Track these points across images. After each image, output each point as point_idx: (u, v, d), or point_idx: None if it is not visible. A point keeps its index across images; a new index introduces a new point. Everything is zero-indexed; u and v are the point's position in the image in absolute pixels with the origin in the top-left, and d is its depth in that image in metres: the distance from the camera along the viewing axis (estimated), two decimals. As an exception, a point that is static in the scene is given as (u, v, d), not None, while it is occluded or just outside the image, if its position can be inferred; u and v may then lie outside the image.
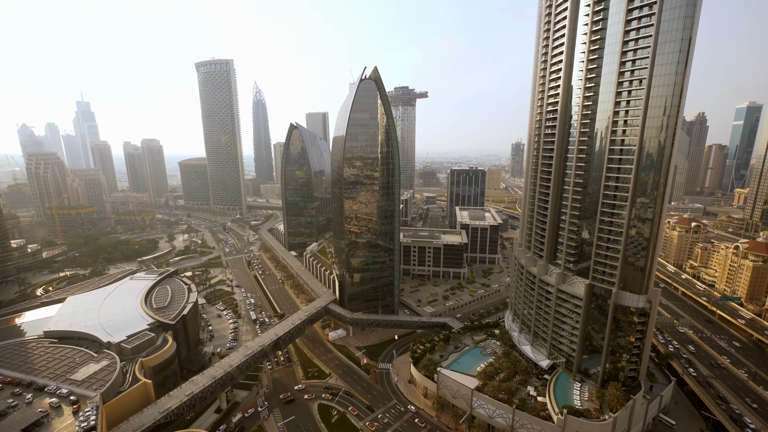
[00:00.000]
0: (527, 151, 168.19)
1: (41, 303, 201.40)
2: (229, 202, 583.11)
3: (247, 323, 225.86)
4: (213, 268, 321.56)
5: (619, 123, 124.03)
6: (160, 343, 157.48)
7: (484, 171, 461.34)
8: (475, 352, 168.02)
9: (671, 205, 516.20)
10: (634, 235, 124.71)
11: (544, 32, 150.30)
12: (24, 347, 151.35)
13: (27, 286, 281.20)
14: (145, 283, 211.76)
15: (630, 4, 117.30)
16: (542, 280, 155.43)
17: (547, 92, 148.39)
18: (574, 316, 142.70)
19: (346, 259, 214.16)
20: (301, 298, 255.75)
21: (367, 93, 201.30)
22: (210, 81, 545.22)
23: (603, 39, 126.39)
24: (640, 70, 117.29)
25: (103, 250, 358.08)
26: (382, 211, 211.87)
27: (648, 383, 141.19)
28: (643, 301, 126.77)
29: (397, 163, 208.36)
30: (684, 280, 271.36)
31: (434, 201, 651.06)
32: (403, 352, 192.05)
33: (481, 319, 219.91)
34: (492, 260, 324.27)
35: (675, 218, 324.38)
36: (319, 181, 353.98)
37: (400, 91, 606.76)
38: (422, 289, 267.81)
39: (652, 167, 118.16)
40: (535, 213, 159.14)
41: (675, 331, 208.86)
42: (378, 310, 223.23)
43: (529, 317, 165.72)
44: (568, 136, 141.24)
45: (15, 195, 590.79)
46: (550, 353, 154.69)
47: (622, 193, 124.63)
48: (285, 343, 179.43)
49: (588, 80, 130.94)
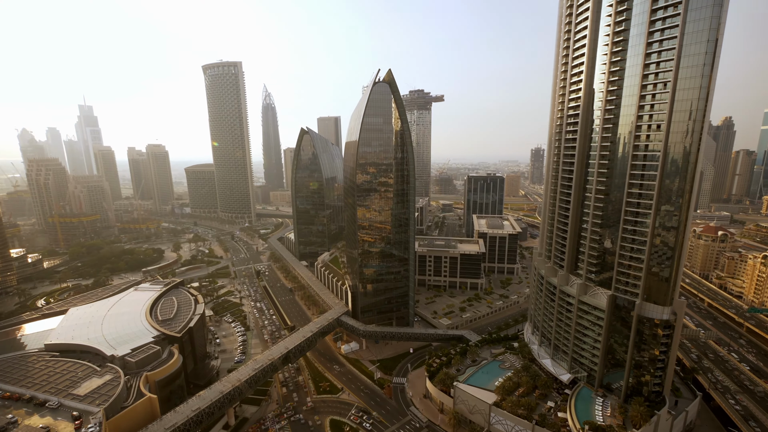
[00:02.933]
0: (547, 157, 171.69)
1: (42, 315, 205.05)
2: (237, 210, 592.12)
3: (256, 336, 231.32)
4: (221, 279, 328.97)
5: (642, 127, 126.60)
6: (166, 357, 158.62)
7: (502, 177, 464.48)
8: (493, 365, 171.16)
9: (697, 212, 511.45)
10: (658, 244, 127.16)
11: (565, 33, 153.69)
12: (24, 361, 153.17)
13: (27, 297, 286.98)
14: (150, 295, 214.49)
15: (654, 3, 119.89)
16: (563, 291, 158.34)
17: (568, 95, 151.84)
18: (596, 328, 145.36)
19: (359, 269, 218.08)
20: (312, 310, 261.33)
21: (380, 96, 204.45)
22: (217, 84, 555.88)
23: (626, 40, 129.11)
24: (665, 73, 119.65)
25: (107, 260, 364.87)
26: (396, 219, 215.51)
27: (673, 398, 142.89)
28: (668, 312, 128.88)
29: (412, 170, 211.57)
30: (710, 291, 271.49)
31: (451, 209, 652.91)
32: (418, 365, 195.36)
33: (500, 332, 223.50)
34: (511, 270, 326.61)
35: (701, 226, 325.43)
36: (331, 188, 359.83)
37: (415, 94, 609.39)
38: (438, 300, 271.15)
39: (677, 173, 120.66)
40: (556, 221, 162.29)
41: (701, 344, 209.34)
42: (392, 323, 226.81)
43: (550, 330, 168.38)
44: (589, 141, 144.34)
45: (15, 202, 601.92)
46: (571, 367, 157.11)
47: (646, 200, 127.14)
48: (295, 356, 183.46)
49: (610, 83, 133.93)
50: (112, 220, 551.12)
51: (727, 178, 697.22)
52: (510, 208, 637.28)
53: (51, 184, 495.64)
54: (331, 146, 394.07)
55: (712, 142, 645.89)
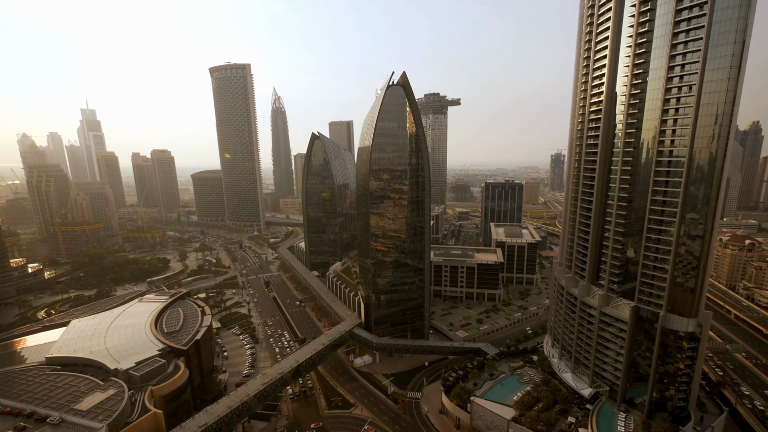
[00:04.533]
0: (568, 163, 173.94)
1: (43, 327, 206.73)
2: (245, 218, 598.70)
3: (265, 349, 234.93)
4: (229, 290, 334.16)
5: (666, 132, 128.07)
6: (172, 371, 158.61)
7: (521, 184, 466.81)
8: (512, 380, 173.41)
9: (723, 221, 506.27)
10: (683, 253, 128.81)
11: (586, 34, 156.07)
12: (24, 375, 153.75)
13: (28, 308, 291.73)
14: (155, 306, 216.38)
15: (679, 3, 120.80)
16: (584, 302, 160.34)
17: (589, 99, 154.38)
18: (619, 341, 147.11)
19: (373, 280, 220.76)
20: (323, 322, 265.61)
21: (394, 100, 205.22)
22: (225, 87, 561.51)
23: (649, 42, 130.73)
24: (690, 76, 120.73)
25: (110, 270, 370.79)
26: (411, 228, 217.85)
27: (698, 413, 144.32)
28: (693, 324, 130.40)
29: (428, 176, 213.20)
30: (737, 302, 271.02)
31: (467, 217, 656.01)
32: (433, 379, 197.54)
33: (518, 345, 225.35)
34: (530, 281, 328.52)
35: (727, 235, 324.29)
36: (343, 195, 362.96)
37: (431, 98, 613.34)
38: (454, 311, 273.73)
39: (702, 180, 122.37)
40: (577, 229, 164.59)
41: (727, 357, 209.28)
42: (407, 335, 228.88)
43: (570, 342, 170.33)
44: (611, 147, 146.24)
45: (15, 210, 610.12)
46: (593, 381, 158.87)
47: (670, 208, 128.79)
48: (306, 370, 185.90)
49: (633, 86, 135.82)
50: (116, 228, 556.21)
51: (754, 185, 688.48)
52: (529, 216, 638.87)
53: (52, 190, 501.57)
54: (343, 152, 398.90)
55: (738, 148, 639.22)
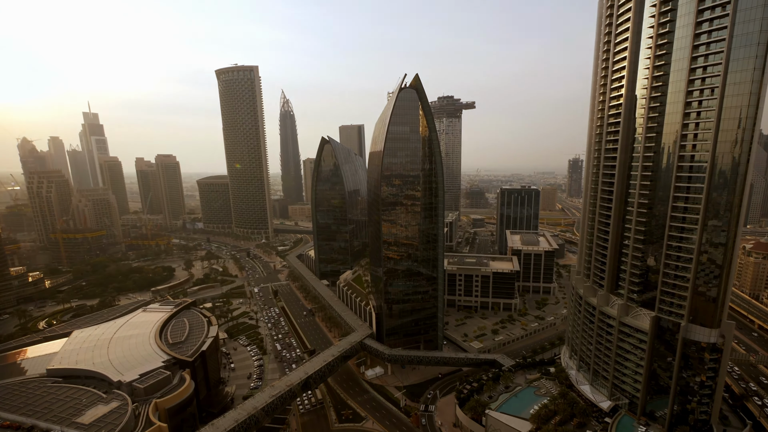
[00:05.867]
0: (586, 168, 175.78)
1: (44, 338, 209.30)
2: (253, 225, 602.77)
3: (273, 360, 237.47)
4: (235, 299, 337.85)
5: (688, 137, 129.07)
6: (177, 383, 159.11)
7: (537, 190, 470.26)
8: (528, 392, 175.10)
9: (747, 228, 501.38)
10: (705, 261, 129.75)
11: (605, 35, 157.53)
12: (24, 387, 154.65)
13: (28, 318, 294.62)
14: (159, 316, 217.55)
15: (701, 4, 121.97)
16: (603, 312, 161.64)
17: (608, 103, 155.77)
18: (639, 352, 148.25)
19: (384, 289, 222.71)
20: (333, 332, 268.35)
21: (407, 103, 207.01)
22: (232, 90, 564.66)
23: (670, 43, 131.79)
24: (712, 78, 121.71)
25: (113, 279, 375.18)
26: (424, 235, 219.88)
27: (721, 427, 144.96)
28: (716, 335, 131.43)
29: (441, 182, 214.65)
30: (761, 312, 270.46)
31: (482, 224, 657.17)
32: (447, 392, 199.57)
33: (535, 356, 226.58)
34: (547, 290, 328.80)
35: (751, 243, 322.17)
36: (353, 201, 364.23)
37: (444, 101, 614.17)
38: (469, 322, 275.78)
39: (725, 186, 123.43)
40: (595, 237, 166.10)
41: (751, 368, 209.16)
42: (419, 346, 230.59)
43: (588, 353, 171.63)
44: (631, 152, 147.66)
45: (14, 217, 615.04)
46: (612, 393, 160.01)
47: (691, 214, 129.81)
48: (316, 382, 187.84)
49: (653, 89, 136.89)
50: (119, 236, 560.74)
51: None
52: (546, 223, 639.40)
53: (53, 197, 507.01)
54: (354, 157, 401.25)
55: (763, 153, 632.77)
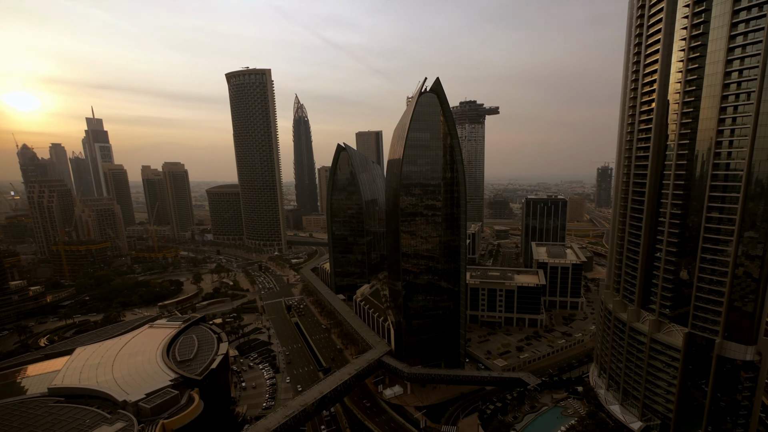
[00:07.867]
0: (615, 177, 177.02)
1: (45, 355, 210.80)
2: (265, 237, 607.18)
3: (286, 378, 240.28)
4: (247, 314, 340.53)
5: (723, 144, 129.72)
6: (185, 403, 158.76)
7: (565, 200, 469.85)
8: (555, 412, 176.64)
9: None
10: (740, 275, 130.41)
11: (636, 37, 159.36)
12: (25, 407, 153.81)
13: (29, 335, 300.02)
14: (167, 332, 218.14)
15: (736, 4, 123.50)
16: (633, 328, 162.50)
17: (639, 108, 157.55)
18: (671, 370, 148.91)
19: (403, 304, 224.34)
20: (350, 350, 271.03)
21: (427, 108, 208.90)
22: (243, 94, 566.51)
23: (704, 45, 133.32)
24: (748, 82, 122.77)
25: (118, 293, 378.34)
26: (445, 248, 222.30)
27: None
28: (752, 352, 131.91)
29: (464, 191, 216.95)
30: None
31: (506, 235, 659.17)
32: (470, 412, 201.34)
33: (562, 374, 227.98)
34: (574, 305, 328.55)
35: None
36: (371, 211, 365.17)
37: (467, 106, 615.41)
38: (492, 338, 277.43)
39: (762, 195, 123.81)
40: (625, 249, 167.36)
41: None
42: (440, 364, 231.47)
43: (618, 372, 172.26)
44: (663, 160, 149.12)
45: (14, 228, 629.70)
46: (643, 414, 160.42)
47: (727, 225, 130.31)
48: (331, 402, 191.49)
49: (686, 94, 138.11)
50: (124, 248, 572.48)
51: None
52: (573, 235, 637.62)
53: (55, 207, 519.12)
54: (371, 165, 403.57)
55: None
